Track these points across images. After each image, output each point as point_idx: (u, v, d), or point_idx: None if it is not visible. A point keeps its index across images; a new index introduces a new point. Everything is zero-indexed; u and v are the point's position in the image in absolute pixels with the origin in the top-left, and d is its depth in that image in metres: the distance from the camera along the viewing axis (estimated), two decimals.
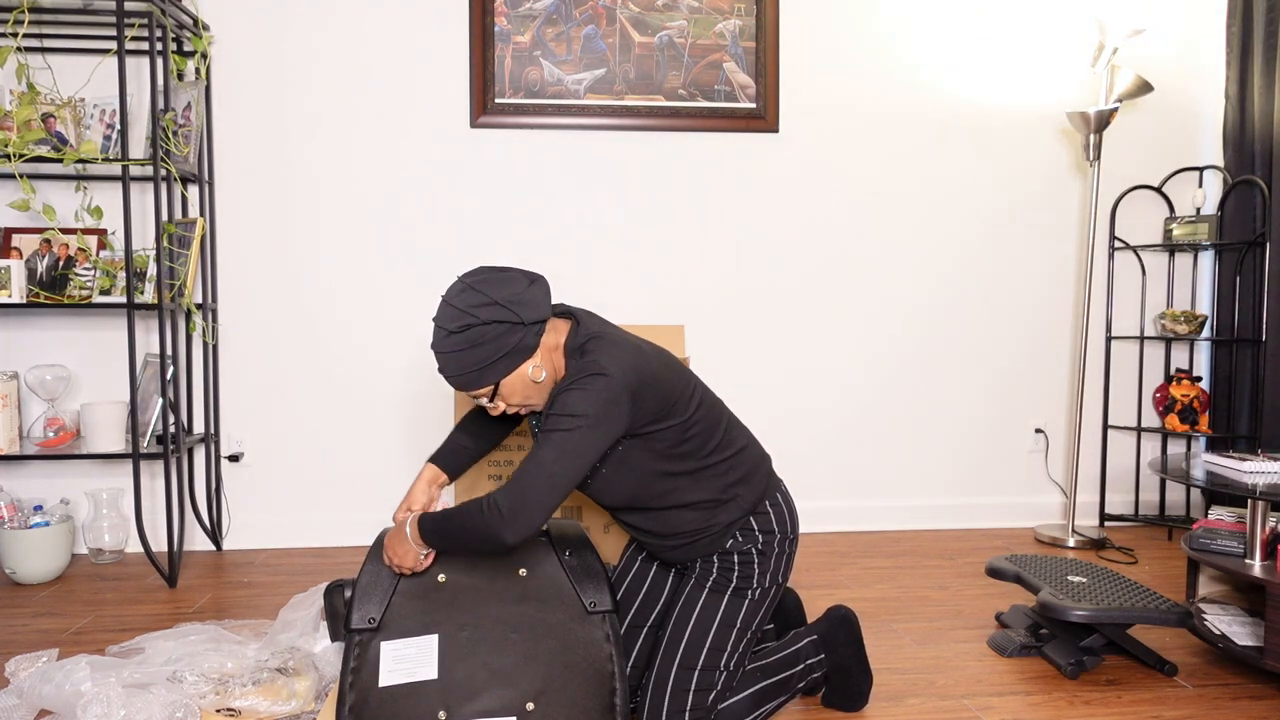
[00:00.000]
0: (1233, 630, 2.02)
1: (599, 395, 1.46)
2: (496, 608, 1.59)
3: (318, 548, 3.05)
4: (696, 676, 1.62)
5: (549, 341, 1.58)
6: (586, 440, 1.46)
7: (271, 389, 3.03)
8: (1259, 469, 2.14)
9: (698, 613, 1.67)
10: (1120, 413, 3.42)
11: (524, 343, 1.51)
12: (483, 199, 3.08)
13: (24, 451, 2.63)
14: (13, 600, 2.51)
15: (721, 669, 1.64)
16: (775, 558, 1.69)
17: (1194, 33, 3.34)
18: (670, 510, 1.65)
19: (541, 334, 1.55)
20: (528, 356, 1.53)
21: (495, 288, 1.51)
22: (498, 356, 1.50)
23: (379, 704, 1.48)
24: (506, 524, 1.44)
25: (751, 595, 1.68)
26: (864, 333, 3.27)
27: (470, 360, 1.50)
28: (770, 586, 1.70)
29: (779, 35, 3.14)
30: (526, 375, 1.55)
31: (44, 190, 2.90)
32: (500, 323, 1.49)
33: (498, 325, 1.49)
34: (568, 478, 1.46)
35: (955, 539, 3.17)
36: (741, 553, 1.68)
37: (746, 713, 1.67)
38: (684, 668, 1.63)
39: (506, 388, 1.55)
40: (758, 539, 1.68)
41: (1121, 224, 3.37)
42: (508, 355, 1.51)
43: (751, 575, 1.68)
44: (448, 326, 1.50)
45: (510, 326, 1.50)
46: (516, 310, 1.50)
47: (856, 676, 1.82)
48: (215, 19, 2.94)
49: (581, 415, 1.45)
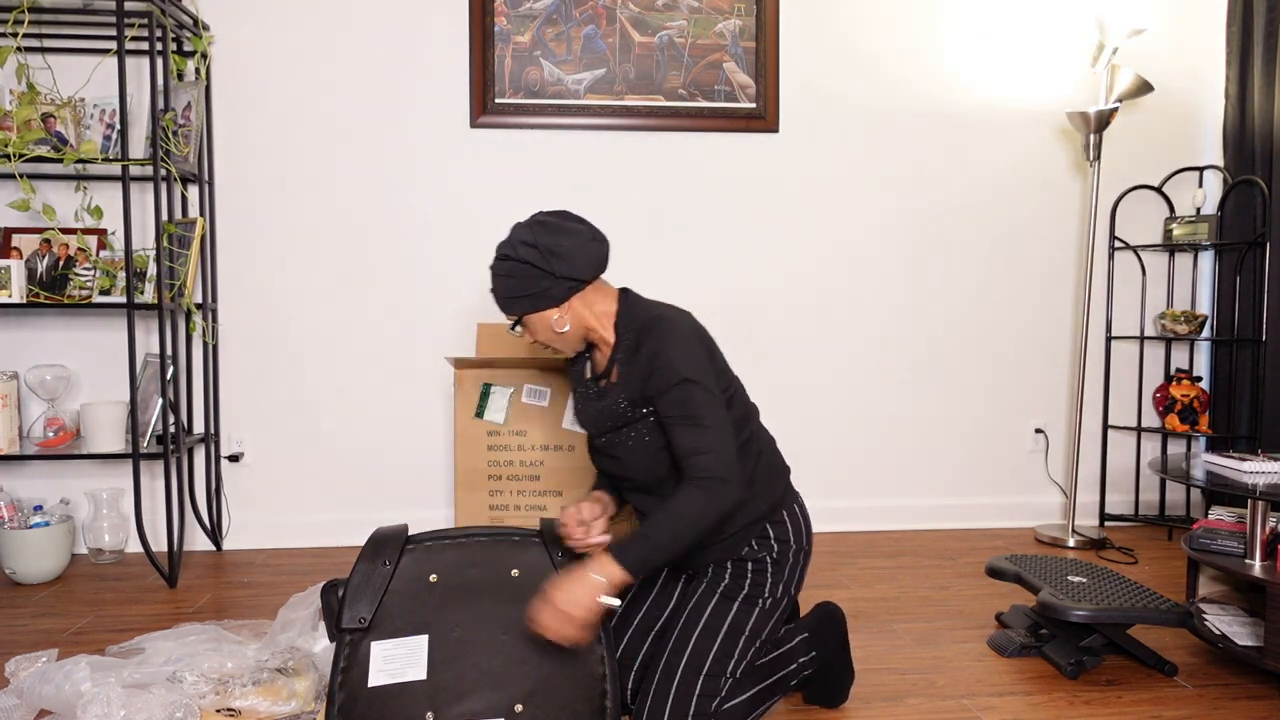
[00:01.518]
0: (1233, 630, 2.02)
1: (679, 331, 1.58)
2: (488, 608, 1.59)
3: (318, 548, 3.05)
4: (702, 682, 1.62)
5: (597, 305, 1.67)
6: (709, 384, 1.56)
7: (271, 389, 3.03)
8: (1259, 469, 2.14)
9: (707, 617, 1.66)
10: (1120, 413, 3.42)
11: (550, 291, 1.61)
12: (483, 199, 3.08)
13: (24, 451, 2.63)
14: (13, 600, 2.51)
15: (727, 676, 1.64)
16: (789, 568, 1.70)
17: (1194, 33, 3.34)
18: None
19: (575, 291, 1.63)
20: (553, 305, 1.63)
21: (546, 234, 1.61)
22: (523, 293, 1.62)
23: (367, 704, 1.48)
24: (732, 485, 1.51)
25: (762, 604, 1.68)
26: (863, 333, 3.27)
27: (502, 286, 1.64)
28: (782, 597, 1.70)
29: (779, 35, 3.14)
30: (550, 320, 1.65)
31: (44, 190, 2.90)
32: (533, 266, 1.60)
33: (530, 267, 1.60)
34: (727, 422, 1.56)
35: (955, 539, 3.17)
36: (755, 560, 1.68)
37: (744, 715, 1.67)
38: (690, 672, 1.62)
39: (530, 323, 1.68)
40: (773, 548, 1.69)
41: (1121, 224, 3.37)
42: (532, 296, 1.62)
43: (764, 584, 1.68)
44: (498, 251, 1.66)
45: (541, 273, 1.60)
46: (550, 261, 1.59)
47: (839, 673, 1.82)
48: (215, 19, 2.94)
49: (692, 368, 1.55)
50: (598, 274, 1.67)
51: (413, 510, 3.11)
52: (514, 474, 2.42)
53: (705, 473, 1.51)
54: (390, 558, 1.65)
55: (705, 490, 1.50)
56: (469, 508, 2.42)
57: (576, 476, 2.42)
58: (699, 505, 1.50)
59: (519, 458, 2.41)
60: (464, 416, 2.42)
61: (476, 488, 2.41)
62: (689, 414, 1.54)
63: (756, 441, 1.72)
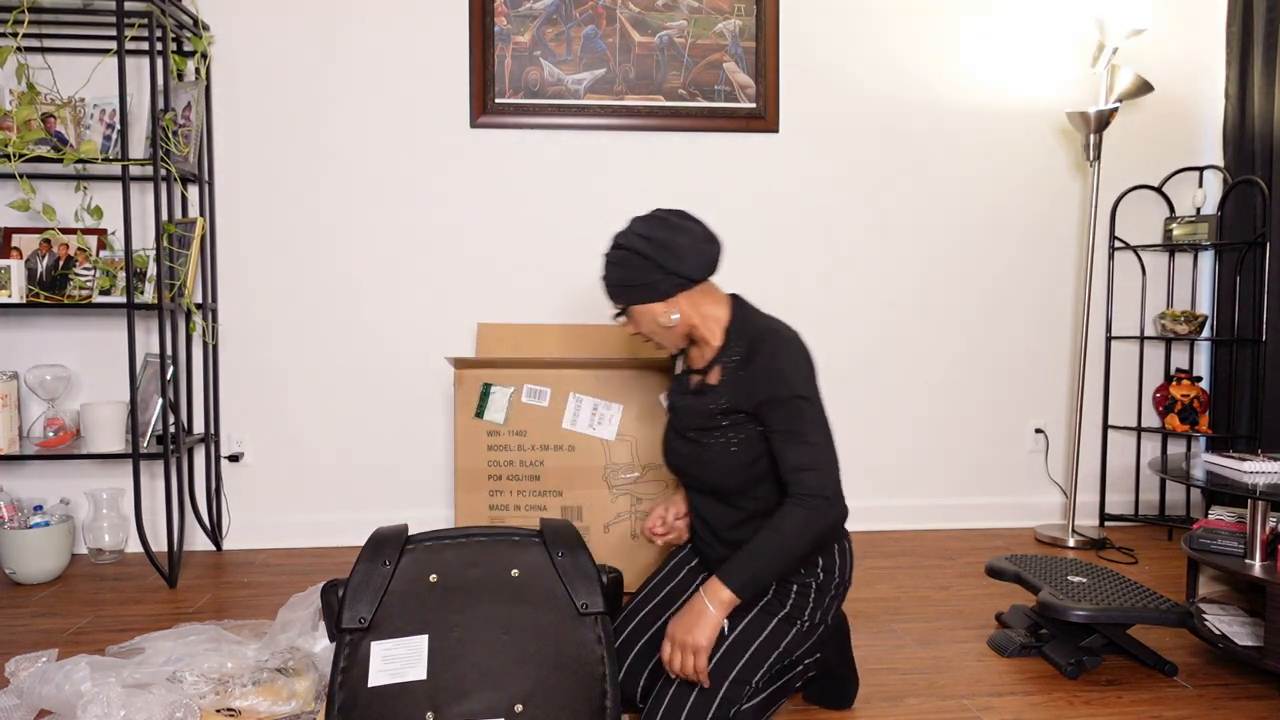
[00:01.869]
0: (1233, 630, 2.02)
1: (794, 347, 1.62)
2: (488, 608, 1.59)
3: (318, 548, 3.05)
4: (726, 686, 1.62)
5: (704, 306, 1.71)
6: (818, 402, 1.60)
7: (271, 389, 3.03)
8: (1259, 469, 2.14)
9: (744, 626, 1.67)
10: (1120, 413, 3.42)
11: (659, 285, 1.65)
12: (483, 199, 3.08)
13: (24, 451, 2.63)
14: (13, 600, 2.51)
15: (752, 686, 1.64)
16: (830, 598, 1.71)
17: (1194, 33, 3.34)
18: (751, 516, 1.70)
19: (682, 288, 1.66)
20: (660, 299, 1.67)
21: (662, 229, 1.65)
22: (632, 284, 1.66)
23: (367, 704, 1.48)
24: (835, 503, 1.54)
25: (800, 625, 1.69)
26: (863, 332, 3.27)
27: (612, 274, 1.69)
28: (819, 624, 1.71)
29: (779, 35, 3.14)
30: (656, 314, 1.69)
31: (44, 190, 2.90)
32: (644, 258, 1.64)
33: (641, 259, 1.65)
34: (832, 442, 1.59)
35: (955, 539, 3.17)
36: (801, 584, 1.69)
37: (757, 718, 1.68)
38: (716, 676, 1.62)
39: (635, 314, 1.72)
40: (819, 575, 1.70)
41: (1121, 224, 3.37)
42: (640, 288, 1.66)
43: (805, 607, 1.69)
44: (613, 240, 1.71)
45: (652, 265, 1.64)
46: (661, 255, 1.63)
47: (841, 677, 1.83)
48: (215, 19, 2.94)
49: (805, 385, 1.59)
50: (707, 275, 1.70)
51: (413, 510, 3.11)
52: (514, 474, 2.42)
53: (809, 490, 1.54)
54: (390, 558, 1.65)
55: (808, 508, 1.54)
56: (469, 508, 2.42)
57: (576, 476, 2.42)
58: (801, 522, 1.53)
59: (519, 458, 2.41)
60: (464, 416, 2.42)
61: (476, 488, 2.41)
62: (798, 429, 1.57)
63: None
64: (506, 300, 3.11)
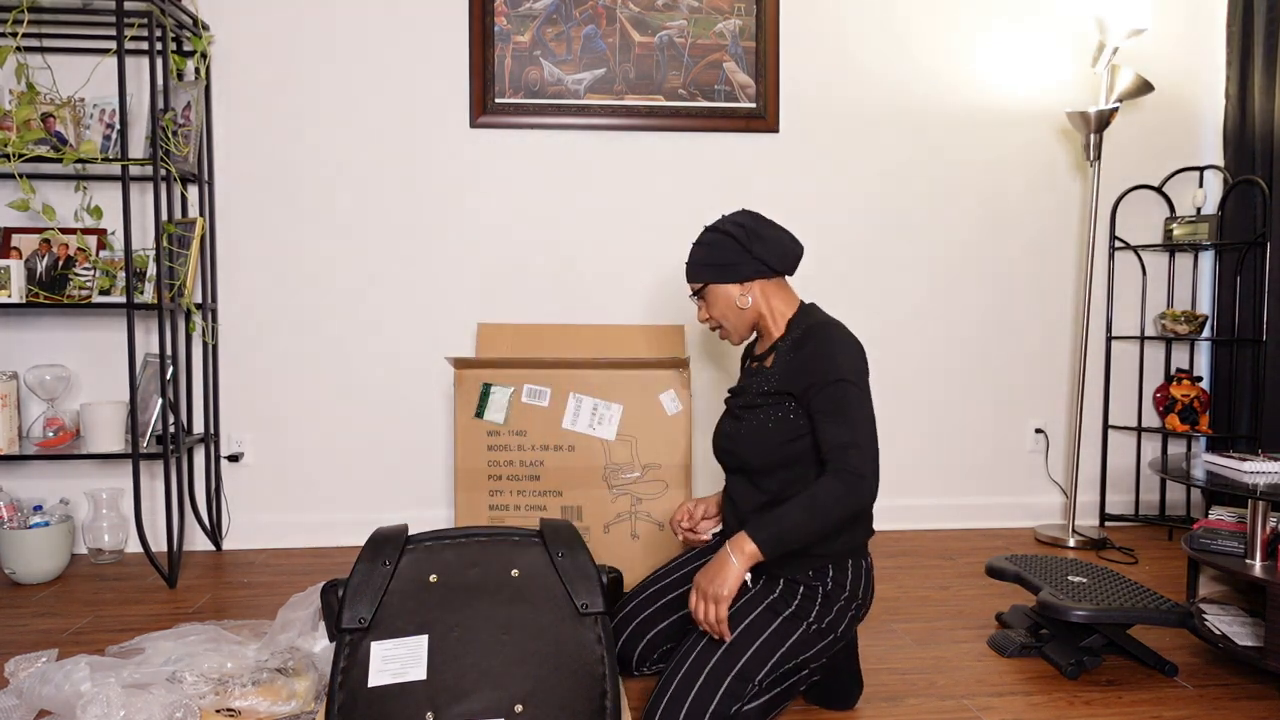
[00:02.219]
0: (1233, 630, 2.02)
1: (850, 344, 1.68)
2: (488, 608, 1.59)
3: (318, 548, 3.05)
4: (729, 681, 1.63)
5: (775, 299, 1.81)
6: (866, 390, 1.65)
7: (271, 389, 3.03)
8: (1259, 469, 2.14)
9: (750, 622, 1.68)
10: (1120, 413, 3.42)
11: (740, 267, 1.76)
12: (483, 199, 3.08)
13: (24, 451, 2.63)
14: (12, 600, 2.51)
15: (755, 683, 1.65)
16: (839, 610, 1.71)
17: (1194, 33, 3.34)
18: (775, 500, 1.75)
19: (762, 274, 1.77)
20: (739, 280, 1.78)
21: (754, 220, 1.79)
22: (716, 263, 1.77)
23: (367, 704, 1.48)
24: (869, 479, 1.58)
25: (806, 627, 1.69)
26: (863, 333, 3.26)
27: (699, 254, 1.81)
28: (827, 632, 1.71)
29: (779, 35, 3.14)
30: (734, 295, 1.79)
31: (44, 190, 2.90)
32: (734, 240, 1.76)
33: (731, 240, 1.76)
34: (873, 421, 1.64)
35: (955, 539, 3.17)
36: (809, 586, 1.71)
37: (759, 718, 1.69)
38: (719, 671, 1.63)
39: (711, 294, 1.81)
40: (828, 582, 1.71)
41: (1121, 224, 3.37)
42: (723, 267, 1.77)
43: (811, 609, 1.70)
44: (706, 227, 1.83)
45: (739, 248, 1.76)
46: (749, 240, 1.75)
47: (844, 678, 1.83)
48: (215, 19, 2.94)
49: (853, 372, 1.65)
50: (787, 270, 1.80)
51: (413, 510, 3.11)
52: (514, 474, 2.42)
53: (847, 466, 1.58)
54: (390, 558, 1.65)
55: (844, 482, 1.57)
56: (469, 508, 2.41)
57: (576, 476, 2.42)
58: (836, 494, 1.57)
59: (519, 458, 2.41)
60: (464, 416, 2.42)
61: (476, 488, 2.41)
62: (841, 410, 1.62)
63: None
64: (506, 300, 3.11)
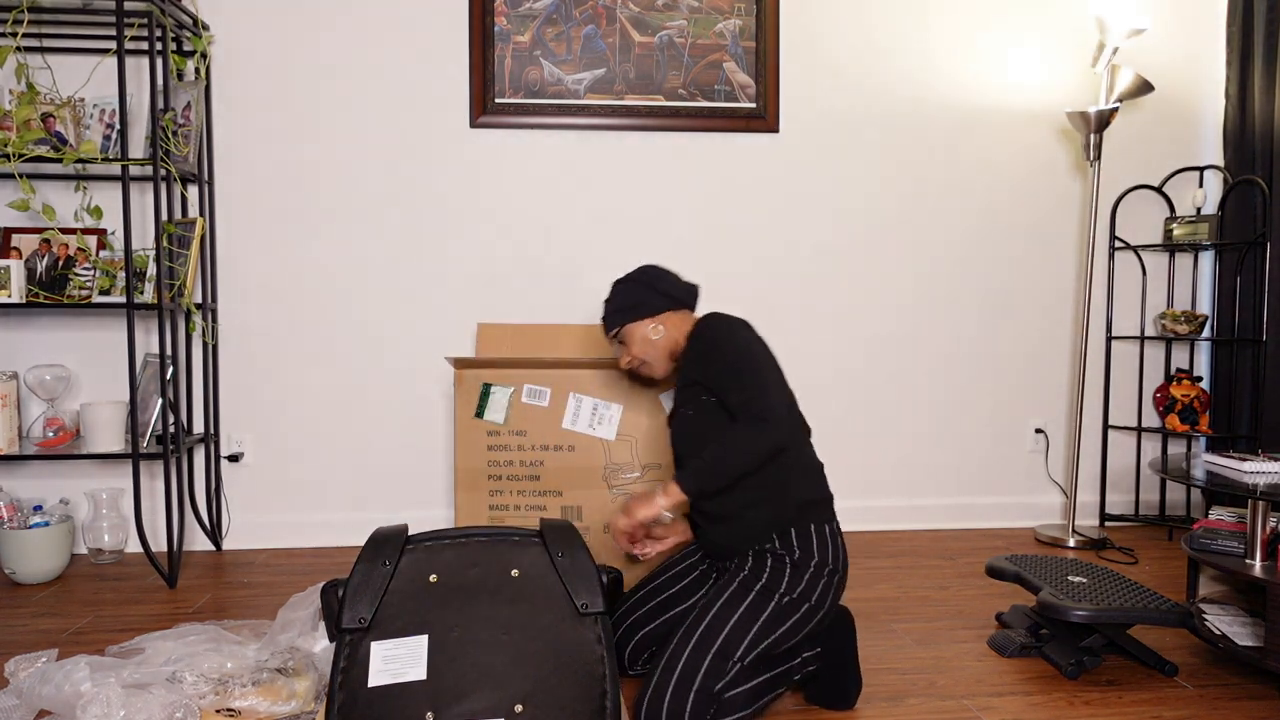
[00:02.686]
0: (1233, 630, 2.02)
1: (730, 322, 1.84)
2: (488, 608, 1.59)
3: (318, 548, 3.05)
4: (708, 662, 1.66)
5: (675, 327, 1.98)
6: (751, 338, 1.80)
7: (271, 389, 3.03)
8: (1259, 469, 2.14)
9: (723, 601, 1.74)
10: (1120, 413, 3.42)
11: (650, 302, 1.96)
12: (483, 199, 3.08)
13: (24, 451, 2.63)
14: (12, 600, 2.51)
15: (735, 660, 1.68)
16: (809, 577, 1.74)
17: (1194, 33, 3.34)
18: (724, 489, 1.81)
19: (669, 306, 1.97)
20: (649, 315, 1.96)
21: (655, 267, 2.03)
22: (627, 305, 1.97)
23: (367, 704, 1.48)
24: (773, 425, 1.69)
25: (779, 599, 1.73)
26: (863, 333, 3.27)
27: (611, 305, 2.00)
28: (800, 601, 1.74)
29: (779, 35, 3.14)
30: (647, 329, 1.97)
31: (44, 190, 2.90)
32: (639, 283, 1.99)
33: (637, 284, 1.99)
34: (769, 365, 1.77)
35: (955, 539, 3.17)
36: (775, 556, 1.76)
37: (747, 705, 1.70)
38: (699, 651, 1.67)
39: (628, 334, 1.99)
40: (794, 550, 1.76)
41: (1121, 224, 3.37)
42: (632, 308, 1.97)
43: (781, 580, 1.74)
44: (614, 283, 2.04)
45: (644, 287, 1.98)
46: (651, 279, 1.99)
47: (844, 677, 1.83)
48: (215, 19, 2.94)
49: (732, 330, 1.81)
50: (689, 303, 2.01)
51: (413, 510, 3.11)
52: (514, 474, 2.42)
53: (751, 413, 1.71)
54: (390, 558, 1.65)
55: (750, 426, 1.70)
56: (469, 508, 2.41)
57: (576, 476, 2.42)
58: (744, 437, 1.70)
59: (519, 458, 2.41)
60: (464, 416, 2.42)
61: (476, 488, 2.41)
62: (736, 375, 1.75)
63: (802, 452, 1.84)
64: (506, 300, 3.11)
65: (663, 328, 1.97)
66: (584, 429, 2.41)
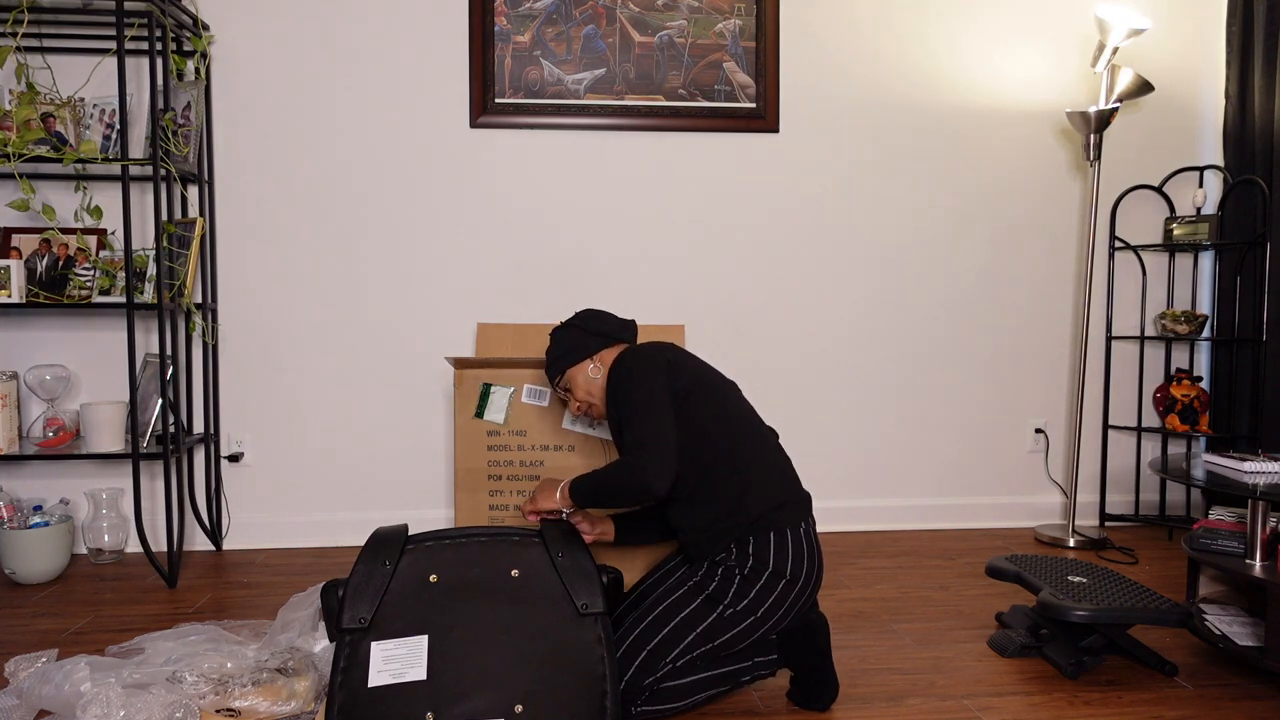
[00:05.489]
0: (1233, 630, 2.02)
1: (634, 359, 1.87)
2: (488, 609, 1.59)
3: (318, 548, 3.05)
4: (643, 656, 1.70)
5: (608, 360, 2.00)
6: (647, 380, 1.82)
7: (271, 389, 3.03)
8: (1259, 469, 2.14)
9: (670, 601, 1.76)
10: (1120, 413, 3.42)
11: (586, 344, 1.98)
12: (483, 199, 3.08)
13: (24, 451, 2.63)
14: (12, 600, 2.51)
15: (668, 662, 1.70)
16: (758, 590, 1.73)
17: (1194, 33, 3.34)
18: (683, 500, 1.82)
19: (605, 344, 1.99)
20: (587, 356, 1.98)
21: (590, 311, 2.04)
22: (565, 351, 1.99)
23: (368, 704, 1.48)
24: (643, 467, 1.71)
25: (721, 610, 1.73)
26: (863, 333, 3.27)
27: (551, 353, 2.02)
28: (744, 615, 1.73)
29: (779, 35, 3.14)
30: (587, 370, 1.98)
31: (43, 190, 2.90)
32: (574, 327, 2.01)
33: (571, 329, 2.01)
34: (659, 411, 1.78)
35: (955, 539, 3.17)
36: (727, 568, 1.75)
37: (683, 696, 1.74)
38: (637, 641, 1.71)
39: (571, 378, 1.99)
40: (747, 562, 1.74)
41: (1121, 224, 3.37)
42: (570, 351, 1.98)
43: (728, 591, 1.73)
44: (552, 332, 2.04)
45: (579, 330, 2.00)
46: (587, 320, 2.01)
47: (814, 683, 1.83)
48: (215, 19, 2.94)
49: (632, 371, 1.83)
50: (624, 338, 2.01)
51: (413, 510, 3.11)
52: (514, 474, 2.42)
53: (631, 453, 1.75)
54: (390, 558, 1.65)
55: (626, 467, 1.74)
56: (469, 508, 2.41)
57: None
58: (618, 473, 1.75)
59: (519, 458, 2.41)
60: (464, 416, 2.42)
61: (476, 488, 2.41)
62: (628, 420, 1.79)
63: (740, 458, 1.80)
64: (506, 300, 3.11)
65: (601, 367, 1.99)
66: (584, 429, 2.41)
